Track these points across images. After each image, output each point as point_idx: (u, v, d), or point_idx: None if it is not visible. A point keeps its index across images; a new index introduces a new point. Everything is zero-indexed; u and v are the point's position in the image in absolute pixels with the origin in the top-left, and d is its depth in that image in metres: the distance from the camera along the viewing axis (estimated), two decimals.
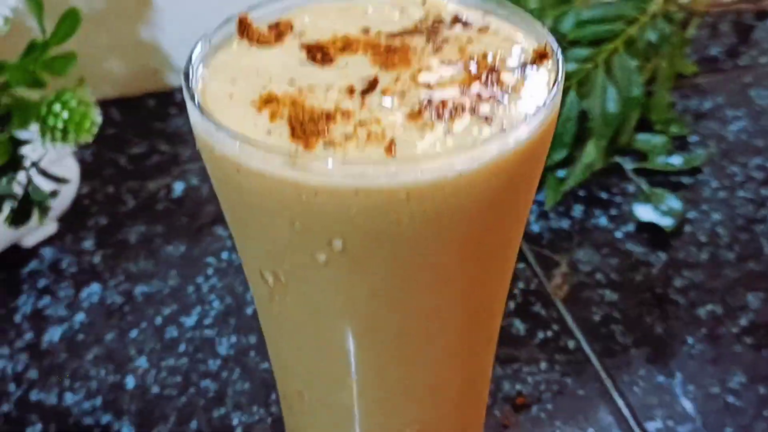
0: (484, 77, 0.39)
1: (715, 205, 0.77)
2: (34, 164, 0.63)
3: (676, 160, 0.80)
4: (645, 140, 0.82)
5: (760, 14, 0.99)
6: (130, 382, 0.65)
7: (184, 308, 0.70)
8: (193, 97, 0.38)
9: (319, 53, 0.41)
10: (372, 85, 0.39)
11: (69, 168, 0.74)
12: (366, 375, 0.42)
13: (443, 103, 0.38)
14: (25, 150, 0.63)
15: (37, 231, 0.76)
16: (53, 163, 0.70)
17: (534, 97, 0.38)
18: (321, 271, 0.38)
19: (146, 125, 0.89)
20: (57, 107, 0.58)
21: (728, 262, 0.72)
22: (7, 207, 0.62)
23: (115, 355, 0.67)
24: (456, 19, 0.43)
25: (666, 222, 0.74)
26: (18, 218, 0.63)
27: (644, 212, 0.75)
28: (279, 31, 0.42)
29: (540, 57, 0.40)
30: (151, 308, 0.70)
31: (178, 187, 0.81)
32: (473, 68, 0.40)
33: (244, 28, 0.42)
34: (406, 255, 0.37)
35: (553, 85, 0.38)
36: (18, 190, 0.63)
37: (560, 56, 0.39)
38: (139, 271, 0.74)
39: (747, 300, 0.69)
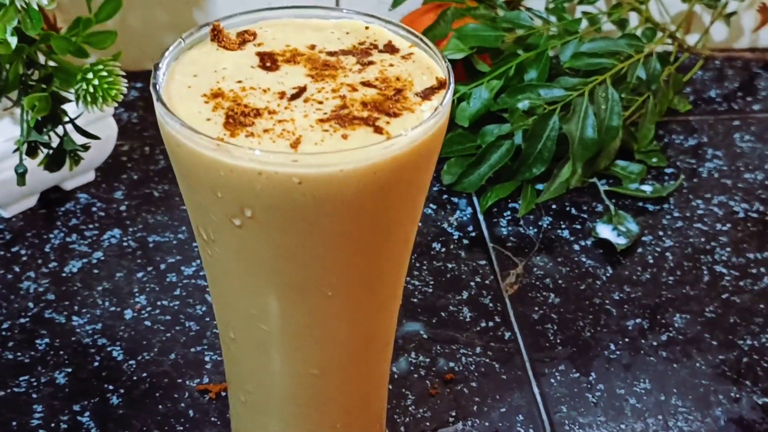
0: (390, 95, 0.49)
1: (671, 232, 0.85)
2: (71, 120, 0.75)
3: (647, 188, 0.89)
4: (623, 167, 0.90)
5: (766, 65, 1.06)
6: (128, 314, 0.76)
7: (187, 259, 0.81)
8: (155, 85, 0.48)
9: (269, 61, 0.51)
10: (299, 93, 0.49)
11: (108, 126, 0.86)
12: (276, 319, 0.52)
13: (348, 114, 0.48)
14: (68, 109, 0.75)
15: (77, 177, 0.88)
16: (95, 120, 0.82)
17: (420, 118, 0.48)
18: (236, 231, 0.48)
19: None
20: (89, 75, 0.69)
21: (666, 284, 0.80)
22: (43, 154, 0.74)
23: (120, 291, 0.78)
24: (388, 45, 0.53)
25: (620, 241, 0.83)
26: (52, 164, 0.75)
27: (603, 230, 0.84)
28: (244, 39, 0.53)
29: (440, 85, 0.50)
30: (158, 255, 0.82)
31: None
32: (383, 87, 0.49)
33: (216, 33, 0.53)
34: (300, 226, 0.47)
35: (435, 110, 0.47)
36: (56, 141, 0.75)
37: (452, 88, 0.49)
38: (156, 222, 0.85)
39: (673, 319, 0.77)
